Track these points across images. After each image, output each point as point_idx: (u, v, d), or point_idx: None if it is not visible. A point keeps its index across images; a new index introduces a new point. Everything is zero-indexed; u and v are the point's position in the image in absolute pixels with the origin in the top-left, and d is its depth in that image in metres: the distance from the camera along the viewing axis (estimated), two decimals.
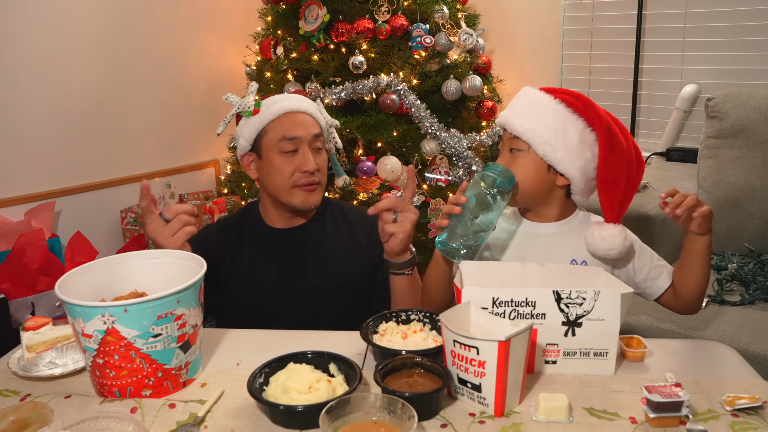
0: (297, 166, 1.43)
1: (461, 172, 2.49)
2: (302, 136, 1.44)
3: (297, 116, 1.46)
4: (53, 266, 2.21)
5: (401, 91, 2.45)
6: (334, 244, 1.53)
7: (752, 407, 0.91)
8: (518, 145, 1.23)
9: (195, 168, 3.27)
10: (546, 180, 1.24)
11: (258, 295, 1.48)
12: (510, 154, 1.25)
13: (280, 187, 1.45)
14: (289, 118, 1.45)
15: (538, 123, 1.21)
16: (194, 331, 1.01)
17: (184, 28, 3.09)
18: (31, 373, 1.05)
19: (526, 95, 1.28)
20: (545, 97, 1.24)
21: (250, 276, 1.49)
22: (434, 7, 2.59)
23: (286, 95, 1.52)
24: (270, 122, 1.45)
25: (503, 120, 1.27)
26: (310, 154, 1.44)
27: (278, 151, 1.44)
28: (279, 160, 1.44)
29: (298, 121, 1.45)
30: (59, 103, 2.62)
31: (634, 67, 2.75)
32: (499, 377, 0.90)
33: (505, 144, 1.27)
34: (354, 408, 0.85)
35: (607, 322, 1.00)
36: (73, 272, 1.04)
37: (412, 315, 1.15)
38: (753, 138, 2.11)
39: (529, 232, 1.30)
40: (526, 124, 1.22)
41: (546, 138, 1.20)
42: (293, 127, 1.44)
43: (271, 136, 1.45)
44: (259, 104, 1.46)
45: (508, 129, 1.25)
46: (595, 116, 1.21)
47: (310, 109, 1.49)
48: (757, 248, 2.07)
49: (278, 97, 1.50)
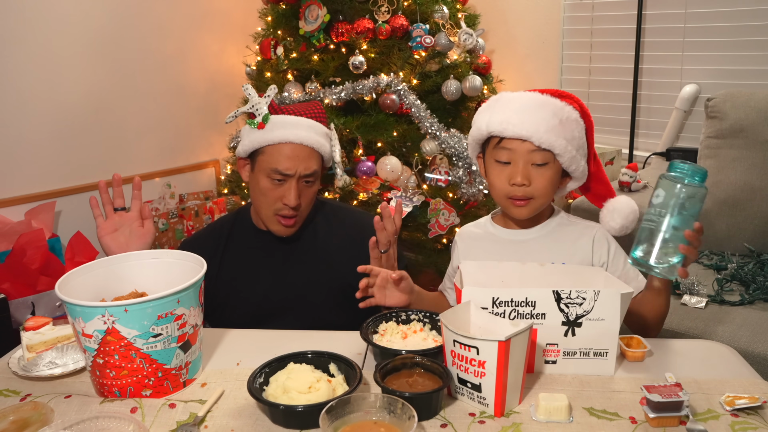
0: (281, 195, 1.40)
1: (461, 172, 2.49)
2: (293, 173, 1.39)
3: (297, 149, 1.39)
4: (53, 266, 2.21)
5: (401, 91, 2.45)
6: (326, 245, 1.51)
7: (752, 407, 0.91)
8: (544, 158, 1.18)
9: (195, 168, 3.27)
10: (558, 185, 1.25)
11: (248, 299, 1.46)
12: (532, 168, 1.19)
13: (261, 210, 1.44)
14: (288, 149, 1.39)
15: (569, 135, 1.18)
16: (194, 331, 1.01)
17: (184, 28, 3.09)
18: (31, 373, 1.05)
19: (547, 104, 1.19)
20: (566, 107, 1.20)
21: (241, 280, 1.48)
22: (434, 7, 2.59)
23: (296, 120, 1.42)
24: (268, 145, 1.40)
25: (529, 132, 1.16)
26: (295, 190, 1.39)
27: (267, 176, 1.40)
28: (266, 184, 1.40)
29: (295, 155, 1.39)
30: (59, 103, 2.62)
31: (634, 67, 2.75)
32: (499, 377, 0.90)
33: (523, 156, 1.19)
34: (354, 408, 0.85)
35: (607, 322, 1.00)
36: (73, 272, 1.04)
37: (412, 315, 1.15)
38: (753, 138, 2.11)
39: (505, 239, 1.30)
40: (560, 140, 1.16)
41: (575, 150, 1.19)
42: (287, 162, 1.38)
43: (266, 159, 1.40)
44: (267, 119, 1.39)
45: (538, 143, 1.16)
46: (587, 115, 1.24)
47: (316, 141, 1.41)
48: (757, 248, 2.07)
49: (287, 120, 1.41)
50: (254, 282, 1.47)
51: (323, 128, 1.46)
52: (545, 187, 1.20)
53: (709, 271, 2.01)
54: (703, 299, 1.80)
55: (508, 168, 1.21)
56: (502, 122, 1.19)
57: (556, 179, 1.22)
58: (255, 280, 1.47)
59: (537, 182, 1.19)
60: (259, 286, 1.47)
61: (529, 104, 1.19)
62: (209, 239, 1.52)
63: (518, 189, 1.20)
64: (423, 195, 2.45)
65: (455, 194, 2.53)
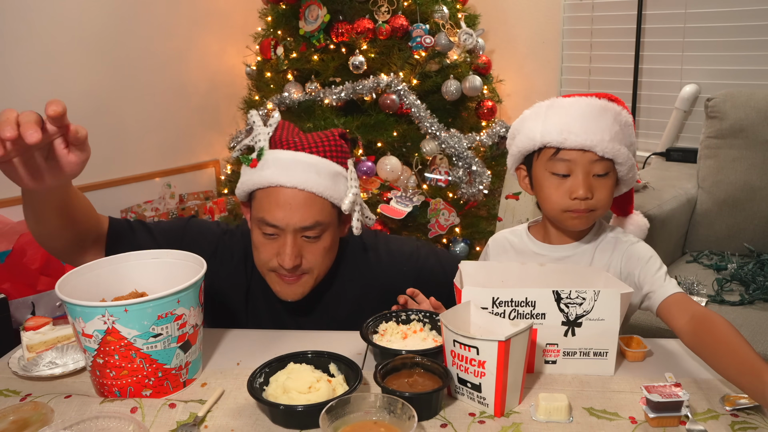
0: (276, 252, 1.15)
1: (461, 172, 2.49)
2: (284, 226, 1.12)
3: (289, 196, 1.11)
4: (53, 266, 2.21)
5: (401, 91, 2.45)
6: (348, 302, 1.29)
7: (752, 407, 0.91)
8: (606, 168, 1.11)
9: (195, 168, 3.27)
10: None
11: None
12: (594, 180, 1.11)
13: (259, 266, 1.20)
14: (278, 195, 1.12)
15: (628, 141, 1.12)
16: (194, 331, 1.01)
17: (184, 28, 3.09)
18: (31, 373, 1.05)
19: (608, 109, 1.12)
20: (623, 112, 1.13)
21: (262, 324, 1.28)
22: (434, 7, 2.60)
23: (295, 157, 1.13)
24: (258, 189, 1.15)
25: (593, 142, 1.08)
26: (291, 247, 1.12)
27: (258, 227, 1.16)
28: (258, 238, 1.16)
29: (287, 203, 1.11)
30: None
31: (634, 67, 2.75)
32: (499, 377, 0.90)
33: (585, 167, 1.10)
34: (354, 408, 0.85)
35: (606, 322, 1.00)
36: (73, 272, 1.03)
37: (412, 315, 1.15)
38: (753, 138, 2.11)
39: (538, 254, 1.22)
40: (623, 147, 1.10)
41: (634, 156, 1.13)
42: (276, 212, 1.12)
43: (256, 206, 1.16)
44: (262, 155, 1.14)
45: (602, 153, 1.09)
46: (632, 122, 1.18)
47: (318, 185, 1.12)
48: (757, 248, 2.07)
49: (282, 158, 1.13)
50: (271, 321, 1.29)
51: (333, 167, 1.16)
52: (607, 198, 1.13)
53: (709, 271, 2.01)
54: (703, 299, 1.80)
55: (567, 181, 1.11)
56: (563, 132, 1.09)
57: (613, 189, 1.15)
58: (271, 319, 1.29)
59: (599, 194, 1.11)
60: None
61: (589, 111, 1.10)
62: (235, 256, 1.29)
63: (582, 202, 1.11)
64: (423, 195, 2.46)
65: (455, 194, 2.53)
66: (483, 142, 2.62)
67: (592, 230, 1.21)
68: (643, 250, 1.17)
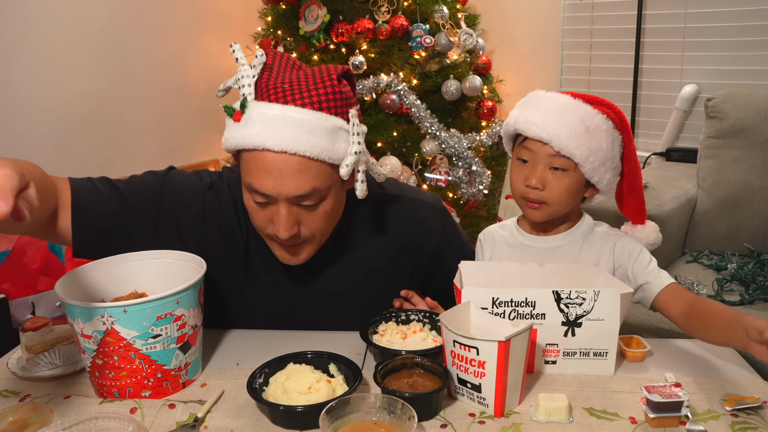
0: (270, 219, 1.03)
1: (461, 172, 2.49)
2: (275, 195, 0.98)
3: (279, 161, 0.96)
4: (53, 266, 2.21)
5: (401, 91, 2.45)
6: (364, 249, 1.19)
7: (752, 407, 0.91)
8: (564, 164, 1.15)
9: (195, 168, 3.27)
10: (580, 194, 1.20)
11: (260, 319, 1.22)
12: (551, 173, 1.16)
13: (258, 230, 1.09)
14: (266, 160, 0.97)
15: (594, 145, 1.14)
16: (194, 332, 1.01)
17: (184, 28, 3.09)
18: (30, 373, 1.05)
19: (576, 108, 1.15)
20: (597, 116, 1.15)
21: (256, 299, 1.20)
22: (434, 7, 2.60)
23: (284, 114, 0.96)
24: (244, 150, 1.00)
25: (550, 135, 1.13)
26: (285, 217, 1.00)
27: (248, 192, 1.03)
28: (250, 203, 1.04)
29: (276, 169, 0.96)
30: (59, 103, 2.62)
31: (634, 67, 2.75)
32: (499, 377, 0.90)
33: (543, 159, 1.15)
34: (354, 408, 0.85)
35: (606, 322, 1.00)
36: (72, 272, 1.03)
37: (412, 315, 1.15)
38: (753, 138, 2.11)
39: (533, 246, 1.25)
40: (582, 148, 1.12)
41: (600, 161, 1.15)
42: (265, 179, 0.97)
43: (244, 167, 1.02)
44: (246, 105, 0.98)
45: (558, 148, 1.13)
46: (627, 129, 1.18)
47: (312, 147, 0.96)
48: (757, 248, 2.06)
49: (269, 113, 0.97)
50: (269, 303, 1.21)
51: (331, 121, 0.98)
52: (560, 194, 1.16)
53: (709, 271, 2.01)
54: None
55: (527, 168, 1.18)
56: (527, 121, 1.15)
57: (575, 188, 1.17)
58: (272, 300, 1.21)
59: (552, 188, 1.15)
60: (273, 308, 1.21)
61: (556, 107, 1.15)
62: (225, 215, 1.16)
63: (532, 191, 1.16)
64: None
65: (455, 194, 2.53)
66: (483, 142, 2.62)
67: (579, 223, 1.24)
68: (632, 242, 1.20)
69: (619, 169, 1.21)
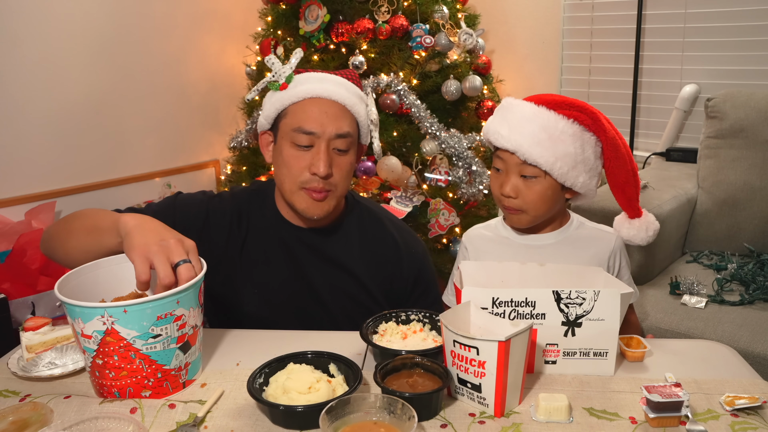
0: (308, 164, 1.22)
1: (461, 172, 2.49)
2: (320, 132, 1.21)
3: (324, 105, 1.22)
4: (53, 266, 2.21)
5: (401, 91, 2.45)
6: (350, 251, 1.34)
7: (752, 407, 0.91)
8: (533, 172, 1.17)
9: (195, 168, 3.27)
10: (559, 198, 1.23)
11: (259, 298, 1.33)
12: (522, 181, 1.18)
13: (285, 184, 1.25)
14: (314, 105, 1.22)
15: (560, 151, 1.15)
16: (194, 332, 1.01)
17: (184, 28, 3.09)
18: (30, 373, 1.05)
19: (537, 117, 1.17)
20: (561, 121, 1.16)
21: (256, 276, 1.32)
22: (434, 7, 2.59)
23: (323, 75, 1.26)
24: (292, 104, 1.23)
25: (514, 146, 1.16)
26: (324, 154, 1.21)
27: (291, 141, 1.22)
28: (290, 152, 1.23)
29: (323, 112, 1.21)
30: (59, 103, 2.62)
31: (634, 67, 2.75)
32: (499, 377, 0.90)
33: (513, 168, 1.19)
34: (354, 408, 0.85)
35: (606, 322, 1.00)
36: (73, 272, 1.03)
37: (412, 315, 1.15)
38: (753, 138, 2.11)
39: (522, 244, 1.28)
40: (547, 155, 1.14)
41: (569, 166, 1.16)
42: (313, 119, 1.21)
43: (289, 121, 1.23)
44: (291, 78, 1.24)
45: (523, 158, 1.16)
46: (601, 128, 1.18)
47: (348, 99, 1.24)
48: (757, 248, 2.07)
49: (313, 76, 1.25)
50: (268, 281, 1.33)
51: (356, 89, 1.28)
52: (535, 201, 1.19)
53: (709, 271, 2.01)
54: (703, 299, 1.80)
55: (501, 176, 1.22)
56: (495, 132, 1.20)
57: (548, 194, 1.19)
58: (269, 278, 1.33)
59: (525, 195, 1.19)
60: (271, 286, 1.33)
61: (519, 116, 1.18)
62: (228, 216, 1.33)
63: (506, 199, 1.21)
64: (423, 195, 2.46)
65: (455, 194, 2.53)
66: (483, 142, 2.61)
67: (567, 225, 1.27)
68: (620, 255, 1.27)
69: (596, 169, 1.22)
